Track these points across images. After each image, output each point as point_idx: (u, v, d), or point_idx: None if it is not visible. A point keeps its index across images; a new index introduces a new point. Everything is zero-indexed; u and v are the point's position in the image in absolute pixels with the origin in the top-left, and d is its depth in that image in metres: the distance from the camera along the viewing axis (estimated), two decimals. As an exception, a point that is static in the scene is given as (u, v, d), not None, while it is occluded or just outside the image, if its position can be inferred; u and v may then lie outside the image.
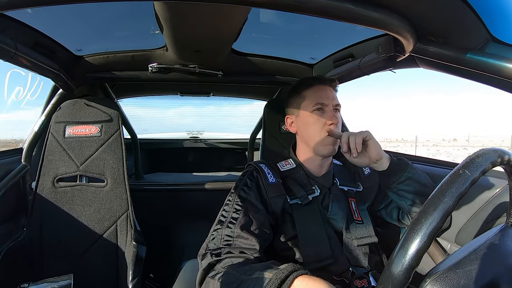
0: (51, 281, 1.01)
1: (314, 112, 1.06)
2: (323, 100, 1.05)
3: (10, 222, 1.35)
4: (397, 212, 1.13)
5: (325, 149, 1.05)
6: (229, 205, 0.98)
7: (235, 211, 0.95)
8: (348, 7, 0.66)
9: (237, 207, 0.96)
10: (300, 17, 0.79)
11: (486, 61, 0.69)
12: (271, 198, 1.01)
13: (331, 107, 1.05)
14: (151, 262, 1.31)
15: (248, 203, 0.98)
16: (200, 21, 1.00)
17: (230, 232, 0.90)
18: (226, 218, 0.94)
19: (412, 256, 0.44)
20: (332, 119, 1.03)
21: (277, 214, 1.01)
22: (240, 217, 0.93)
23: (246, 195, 0.99)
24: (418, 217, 0.47)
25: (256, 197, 1.00)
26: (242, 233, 0.90)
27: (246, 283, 0.73)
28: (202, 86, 2.11)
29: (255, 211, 0.96)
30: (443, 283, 0.48)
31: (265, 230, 0.95)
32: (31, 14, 1.05)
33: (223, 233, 0.91)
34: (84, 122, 1.40)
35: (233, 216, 0.94)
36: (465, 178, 0.48)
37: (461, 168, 0.50)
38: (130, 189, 1.40)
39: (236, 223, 0.92)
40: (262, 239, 0.92)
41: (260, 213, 0.97)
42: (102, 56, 1.44)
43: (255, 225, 0.93)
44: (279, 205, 1.01)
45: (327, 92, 1.08)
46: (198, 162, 2.81)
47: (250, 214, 0.95)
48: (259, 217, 0.96)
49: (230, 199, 1.00)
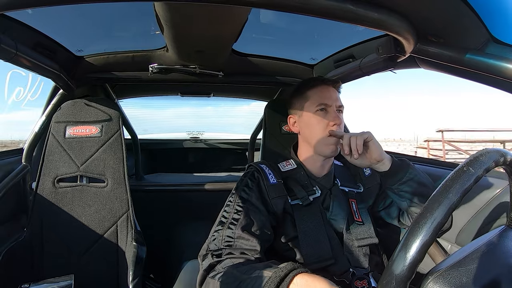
0: (52, 282, 1.01)
1: (317, 113, 1.06)
2: (327, 101, 1.05)
3: (10, 223, 1.35)
4: (397, 213, 1.13)
5: (328, 150, 1.05)
6: (230, 206, 0.98)
7: (236, 212, 0.95)
8: (348, 7, 0.66)
9: (238, 208, 0.96)
10: (301, 18, 0.79)
11: (486, 61, 0.68)
12: (272, 199, 1.01)
13: (334, 108, 1.05)
14: (151, 263, 1.31)
15: (249, 204, 0.98)
16: (201, 22, 1.01)
17: (231, 233, 0.90)
18: (227, 219, 0.94)
19: (416, 251, 0.45)
20: (335, 120, 1.03)
21: (278, 215, 1.01)
22: (241, 218, 0.93)
23: (247, 196, 0.99)
24: (423, 212, 0.47)
25: (257, 197, 0.99)
26: (243, 234, 0.90)
27: (246, 281, 0.73)
28: (203, 87, 2.11)
29: (256, 212, 0.96)
30: (445, 280, 0.48)
31: (266, 231, 0.95)
32: (32, 14, 1.05)
33: (224, 234, 0.90)
34: (85, 122, 1.40)
35: (234, 217, 0.94)
36: (469, 175, 0.49)
37: (465, 166, 0.50)
38: (130, 190, 1.40)
39: (237, 224, 0.92)
40: (263, 240, 0.92)
41: (261, 214, 0.96)
42: (103, 56, 1.45)
43: (256, 226, 0.93)
44: (280, 206, 1.01)
45: (330, 93, 1.08)
46: (199, 162, 2.82)
47: (251, 215, 0.95)
48: (260, 218, 0.95)
49: (231, 200, 1.00)
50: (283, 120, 1.54)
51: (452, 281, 0.48)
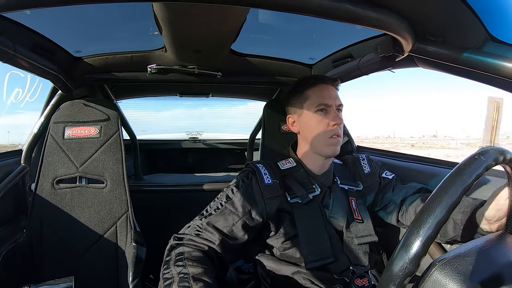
0: (52, 283, 1.00)
1: (317, 113, 1.05)
2: (326, 101, 1.05)
3: (9, 224, 1.35)
4: (396, 213, 1.12)
5: (329, 150, 1.05)
6: (215, 202, 1.03)
7: (216, 208, 1.01)
8: (346, 7, 0.66)
9: (219, 206, 1.01)
10: (299, 18, 0.79)
11: (484, 60, 0.69)
12: (266, 199, 1.01)
13: (334, 108, 1.05)
14: (151, 263, 1.30)
15: (230, 204, 1.00)
16: (199, 22, 1.00)
17: (200, 224, 0.98)
18: (207, 212, 1.01)
19: (420, 245, 0.46)
20: (335, 119, 1.03)
21: (272, 215, 1.02)
22: (215, 214, 0.99)
23: (232, 196, 1.02)
24: (425, 207, 0.49)
25: (239, 200, 1.01)
26: (208, 228, 0.97)
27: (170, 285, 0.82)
28: (201, 87, 2.11)
29: (232, 212, 0.99)
30: (452, 268, 0.48)
31: (235, 231, 0.98)
32: (30, 15, 1.05)
33: (196, 223, 0.99)
34: (83, 123, 1.40)
35: (211, 212, 1.00)
36: (480, 162, 0.51)
37: (474, 155, 0.52)
38: (129, 190, 1.40)
39: (210, 217, 0.99)
40: (227, 237, 0.97)
41: (235, 215, 0.99)
42: (101, 57, 1.44)
43: (225, 224, 0.98)
44: (273, 206, 1.02)
45: (330, 92, 1.07)
46: (198, 162, 2.81)
47: (226, 213, 0.99)
48: (233, 218, 0.99)
49: (218, 197, 1.05)
50: (282, 120, 1.54)
51: (459, 268, 0.48)
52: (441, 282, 0.47)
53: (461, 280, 0.46)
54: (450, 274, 0.47)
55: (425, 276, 0.49)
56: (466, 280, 0.46)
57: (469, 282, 0.46)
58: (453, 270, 0.48)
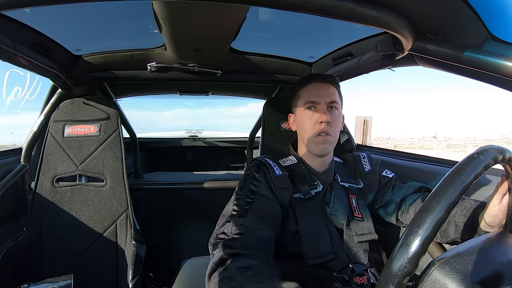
0: (51, 281, 1.00)
1: (306, 111, 1.07)
2: (314, 98, 1.05)
3: (9, 222, 1.35)
4: (396, 212, 1.12)
5: (317, 148, 1.05)
6: (240, 199, 0.97)
7: (246, 203, 0.95)
8: (347, 5, 0.65)
9: (248, 200, 0.96)
10: (299, 16, 0.79)
11: (485, 59, 0.69)
12: (277, 190, 1.01)
13: (323, 105, 1.05)
14: (151, 261, 1.31)
15: (258, 195, 0.97)
16: (199, 20, 1.00)
17: (243, 221, 0.90)
18: (238, 210, 0.94)
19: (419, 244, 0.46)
20: (321, 117, 1.03)
21: (285, 207, 1.01)
22: (252, 207, 0.93)
23: (256, 188, 0.99)
24: (425, 205, 0.49)
25: (266, 188, 0.99)
26: (254, 222, 0.90)
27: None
28: (201, 85, 2.11)
29: (266, 201, 0.97)
30: (451, 267, 0.48)
31: (278, 219, 0.96)
32: (29, 14, 1.05)
33: (237, 222, 0.90)
34: (83, 121, 1.40)
35: (245, 207, 0.94)
36: (479, 161, 0.51)
37: (474, 154, 0.52)
38: (129, 189, 1.40)
39: (249, 212, 0.92)
40: (274, 230, 0.93)
41: (273, 204, 0.97)
42: (101, 55, 1.44)
43: (268, 214, 0.94)
44: (286, 198, 1.01)
45: (318, 90, 1.07)
46: (198, 161, 2.81)
47: (262, 205, 0.95)
48: (272, 206, 0.96)
49: (240, 194, 0.99)
50: (281, 118, 1.54)
51: (458, 267, 0.48)
52: (440, 281, 0.47)
53: (460, 279, 0.46)
54: (449, 273, 0.47)
55: (424, 275, 0.49)
56: (465, 279, 0.46)
57: (469, 281, 0.46)
58: (452, 269, 0.48)
